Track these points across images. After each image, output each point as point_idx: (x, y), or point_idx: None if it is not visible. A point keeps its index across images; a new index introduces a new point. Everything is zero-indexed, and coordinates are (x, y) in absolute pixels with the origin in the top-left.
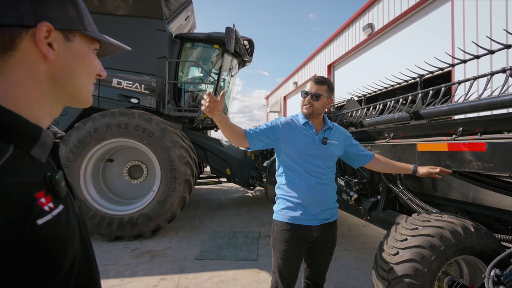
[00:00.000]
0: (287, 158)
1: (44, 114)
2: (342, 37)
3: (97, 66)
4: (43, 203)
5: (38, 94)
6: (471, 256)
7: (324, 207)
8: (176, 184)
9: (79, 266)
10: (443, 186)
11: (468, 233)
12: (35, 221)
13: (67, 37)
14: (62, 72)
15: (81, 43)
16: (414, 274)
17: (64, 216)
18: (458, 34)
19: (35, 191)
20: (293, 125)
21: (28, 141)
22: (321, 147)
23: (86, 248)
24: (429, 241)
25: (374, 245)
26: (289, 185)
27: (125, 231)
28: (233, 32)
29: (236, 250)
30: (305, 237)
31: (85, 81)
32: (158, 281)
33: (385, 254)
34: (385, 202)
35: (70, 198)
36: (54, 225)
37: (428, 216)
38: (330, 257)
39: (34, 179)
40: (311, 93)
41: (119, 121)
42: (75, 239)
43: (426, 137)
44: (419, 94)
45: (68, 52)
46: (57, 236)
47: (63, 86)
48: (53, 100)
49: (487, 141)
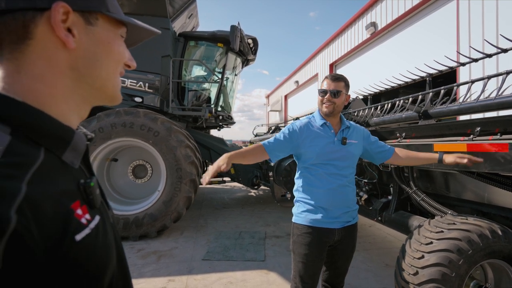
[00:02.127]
0: (307, 161)
1: (71, 113)
2: (345, 35)
3: (125, 54)
4: (79, 215)
5: (62, 89)
6: (499, 260)
7: (346, 210)
8: (181, 184)
9: (116, 278)
10: (457, 187)
11: (496, 236)
12: (73, 236)
13: (88, 21)
14: (85, 62)
15: (105, 27)
16: (442, 279)
17: (102, 229)
18: (463, 33)
19: (70, 202)
20: (311, 128)
21: (59, 144)
22: (340, 147)
23: (122, 263)
24: (456, 244)
25: (382, 245)
26: (309, 188)
27: (131, 231)
28: (238, 30)
29: (243, 251)
30: (327, 240)
31: (112, 72)
32: (166, 282)
33: (408, 258)
34: (396, 203)
35: (104, 208)
36: (93, 240)
37: (453, 218)
38: (350, 260)
39: (68, 188)
40: (330, 90)
41: (124, 120)
42: (113, 251)
43: (440, 137)
44: (430, 93)
45: (90, 38)
46: (97, 252)
47: (88, 79)
48: (79, 96)
49: (510, 142)
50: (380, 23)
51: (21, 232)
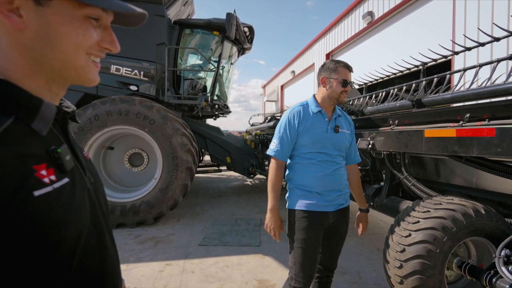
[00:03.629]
0: (301, 149)
1: (40, 88)
2: (341, 25)
3: (89, 37)
4: (43, 175)
5: (25, 66)
6: (481, 238)
7: (338, 193)
8: (178, 171)
9: (87, 243)
10: (447, 172)
11: (479, 215)
12: (31, 192)
13: (38, 1)
14: (40, 43)
15: (60, 7)
16: (427, 255)
17: (69, 191)
18: (459, 22)
19: (34, 163)
20: (306, 116)
21: (28, 113)
22: (333, 135)
23: (98, 223)
24: (441, 223)
25: (374, 231)
26: (303, 174)
27: (128, 218)
28: (234, 18)
29: (239, 237)
30: (322, 223)
31: (72, 53)
32: (164, 266)
33: (396, 236)
34: (388, 189)
35: (79, 173)
36: (54, 198)
37: (440, 199)
38: (343, 242)
39: (34, 151)
40: (350, 82)
41: (120, 108)
42: (81, 214)
43: (431, 124)
44: (423, 82)
45: (41, 19)
46: (57, 210)
47: (45, 59)
48: (44, 74)
49: (496, 127)
50: (377, 12)
51: None
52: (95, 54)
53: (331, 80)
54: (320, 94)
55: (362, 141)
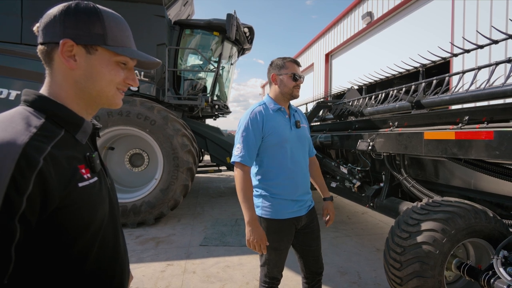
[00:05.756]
0: (267, 150)
1: (81, 110)
2: (341, 25)
3: (118, 76)
4: (83, 172)
5: (73, 94)
6: (480, 239)
7: (307, 195)
8: (178, 172)
9: (107, 226)
10: (446, 174)
11: (477, 217)
12: (77, 183)
13: (88, 51)
14: (84, 78)
15: (102, 56)
16: (426, 256)
17: (98, 186)
18: (458, 23)
19: (78, 163)
20: (268, 115)
21: (74, 127)
22: (296, 131)
23: (113, 215)
24: (441, 225)
25: (373, 231)
26: (272, 178)
27: (129, 219)
28: (234, 18)
29: (240, 237)
30: (295, 227)
31: (105, 86)
32: (165, 267)
33: (397, 238)
34: (388, 190)
35: (103, 174)
36: (90, 189)
37: (439, 201)
38: (320, 239)
39: (78, 155)
40: (300, 75)
41: (121, 109)
42: (105, 205)
43: (431, 126)
44: (422, 83)
45: (88, 63)
46: (91, 198)
47: (86, 90)
48: (84, 100)
49: (495, 130)
50: (376, 13)
51: (44, 170)
52: (120, 88)
53: (282, 76)
54: (273, 92)
55: (362, 143)
